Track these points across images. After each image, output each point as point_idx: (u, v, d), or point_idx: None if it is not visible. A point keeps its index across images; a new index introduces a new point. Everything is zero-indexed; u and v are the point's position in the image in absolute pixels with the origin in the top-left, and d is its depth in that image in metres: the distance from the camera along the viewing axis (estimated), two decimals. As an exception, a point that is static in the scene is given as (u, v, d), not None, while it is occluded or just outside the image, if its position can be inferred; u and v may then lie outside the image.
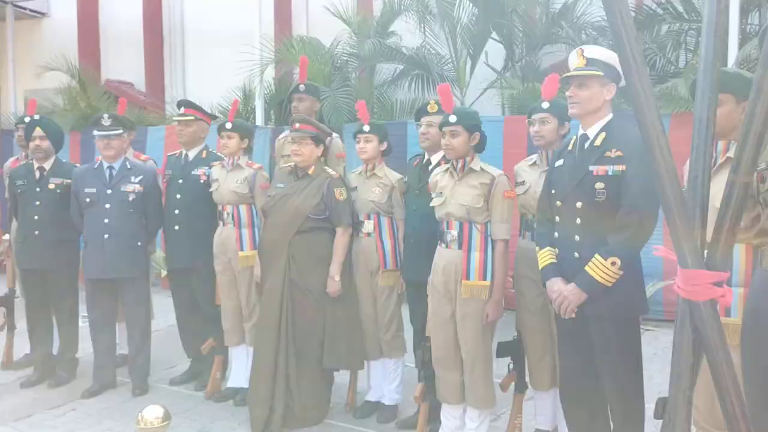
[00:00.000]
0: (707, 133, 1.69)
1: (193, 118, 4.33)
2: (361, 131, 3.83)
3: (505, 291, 3.28)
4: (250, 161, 4.21)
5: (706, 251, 1.73)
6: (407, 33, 7.40)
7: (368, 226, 3.84)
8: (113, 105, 8.90)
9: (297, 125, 3.77)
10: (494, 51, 7.02)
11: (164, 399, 4.23)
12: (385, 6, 7.49)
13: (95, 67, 9.61)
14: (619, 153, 2.66)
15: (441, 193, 3.28)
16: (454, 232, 3.23)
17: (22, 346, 4.82)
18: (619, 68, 2.73)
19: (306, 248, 3.73)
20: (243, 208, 4.12)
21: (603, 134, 2.73)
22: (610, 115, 2.79)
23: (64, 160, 4.64)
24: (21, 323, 4.77)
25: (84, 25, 9.95)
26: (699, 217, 1.70)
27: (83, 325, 4.57)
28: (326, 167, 3.88)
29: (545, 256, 2.87)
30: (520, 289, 3.37)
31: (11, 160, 5.18)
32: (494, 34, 6.92)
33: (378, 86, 7.59)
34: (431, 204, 3.33)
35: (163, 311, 4.64)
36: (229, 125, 4.09)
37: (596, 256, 2.65)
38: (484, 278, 3.17)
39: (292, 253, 3.71)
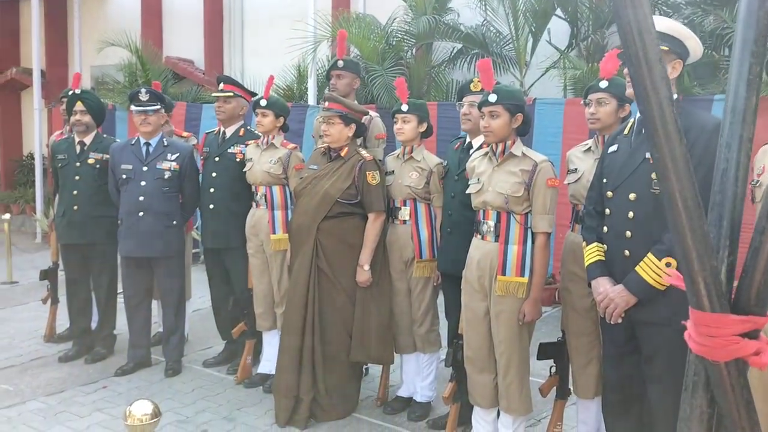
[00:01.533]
0: (747, 111, 1.18)
1: (232, 94, 4.19)
2: (399, 111, 3.59)
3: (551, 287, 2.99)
4: (285, 141, 4.04)
5: (735, 284, 1.17)
6: (465, 9, 7.04)
7: (404, 212, 3.61)
8: (172, 82, 9.01)
9: (326, 104, 3.56)
10: (558, 29, 6.57)
11: (195, 381, 4.19)
12: (445, -21, 7.15)
13: (157, 44, 9.71)
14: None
15: (478, 179, 3.00)
16: (491, 223, 2.95)
17: (65, 320, 4.86)
18: (688, 42, 2.40)
19: (335, 234, 3.54)
20: (276, 189, 3.97)
21: None
22: (675, 96, 2.44)
23: (104, 135, 4.60)
24: (64, 297, 4.80)
25: (147, 3, 10.06)
26: (726, 232, 1.15)
27: (121, 301, 4.55)
28: (360, 149, 3.66)
29: (592, 253, 2.58)
30: (567, 287, 3.06)
31: (56, 134, 5.21)
32: (558, 11, 6.48)
33: (434, 65, 7.28)
34: (467, 191, 3.06)
35: (205, 289, 4.58)
36: (263, 102, 3.93)
37: (649, 255, 2.36)
38: (522, 274, 2.88)
39: (320, 239, 3.52)
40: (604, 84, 2.95)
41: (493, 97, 2.86)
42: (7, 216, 6.81)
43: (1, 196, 10.51)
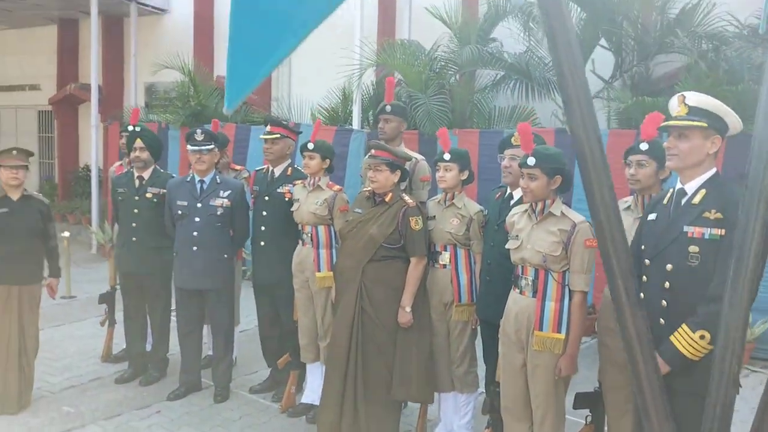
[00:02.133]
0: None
1: (279, 135, 4.39)
2: (441, 159, 3.71)
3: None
4: (330, 182, 4.21)
5: None
6: (508, 38, 7.11)
7: (444, 257, 3.73)
8: (222, 102, 9.30)
9: (373, 151, 3.72)
10: (602, 59, 6.59)
11: (242, 408, 4.40)
12: (489, 9, 7.23)
13: (208, 62, 10.04)
14: (718, 215, 2.39)
15: (517, 236, 3.11)
16: (529, 278, 3.06)
17: (120, 339, 5.14)
18: (727, 118, 2.46)
19: (379, 277, 3.68)
20: (322, 229, 4.14)
21: (703, 191, 2.46)
22: (713, 170, 2.50)
23: (162, 171, 4.86)
24: (121, 319, 5.07)
25: (200, 22, 10.42)
26: None
27: (174, 325, 4.79)
28: (404, 194, 3.80)
29: None
30: (604, 341, 3.15)
31: (116, 165, 5.51)
32: (603, 41, 6.50)
33: (477, 91, 7.37)
34: (506, 246, 3.17)
35: (252, 308, 4.77)
36: (310, 146, 4.10)
37: (683, 326, 2.42)
38: (559, 330, 2.98)
39: (365, 282, 3.67)
40: (644, 146, 3.02)
41: (531, 161, 2.97)
42: (66, 234, 7.17)
43: (59, 206, 11.00)
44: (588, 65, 6.54)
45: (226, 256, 4.45)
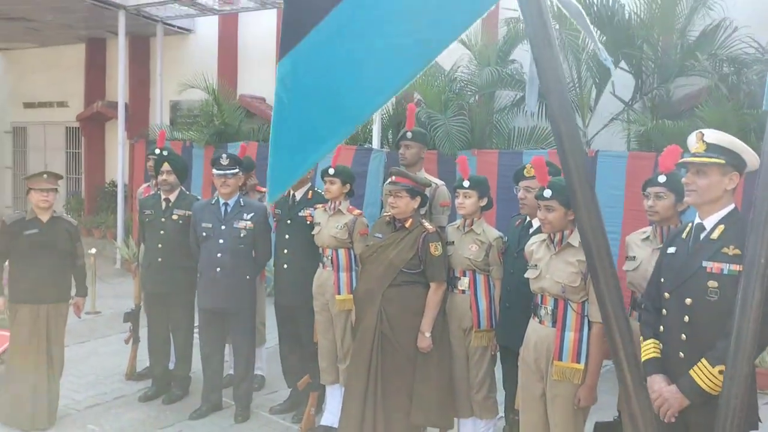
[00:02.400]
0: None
1: (301, 160, 4.46)
2: (461, 186, 3.77)
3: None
4: (351, 207, 4.29)
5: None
6: (528, 60, 7.15)
7: (463, 282, 3.77)
8: (245, 120, 9.46)
9: (393, 178, 3.78)
10: (622, 81, 6.61)
11: (262, 428, 4.46)
12: (509, 31, 7.30)
13: (232, 82, 10.22)
14: (737, 251, 2.41)
15: (536, 265, 3.15)
16: (549, 308, 3.09)
17: (143, 355, 5.24)
18: (745, 156, 2.49)
19: (399, 302, 3.74)
20: (342, 252, 4.21)
21: (721, 227, 2.49)
22: (731, 206, 2.53)
23: (187, 193, 4.98)
24: (145, 337, 5.17)
25: (224, 42, 10.62)
26: None
27: (197, 344, 4.88)
28: (424, 220, 3.85)
29: (648, 349, 2.67)
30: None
31: (144, 186, 5.64)
32: (623, 63, 6.53)
33: (496, 112, 7.42)
34: (525, 275, 3.21)
35: (274, 326, 4.85)
36: (331, 171, 4.18)
37: (703, 360, 2.44)
38: (578, 361, 3.00)
39: (384, 306, 3.73)
40: (662, 179, 3.05)
41: (548, 193, 3.01)
42: (93, 250, 7.33)
43: (85, 221, 11.23)
44: (608, 87, 6.57)
45: (248, 277, 4.54)
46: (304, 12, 1.01)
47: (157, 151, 5.02)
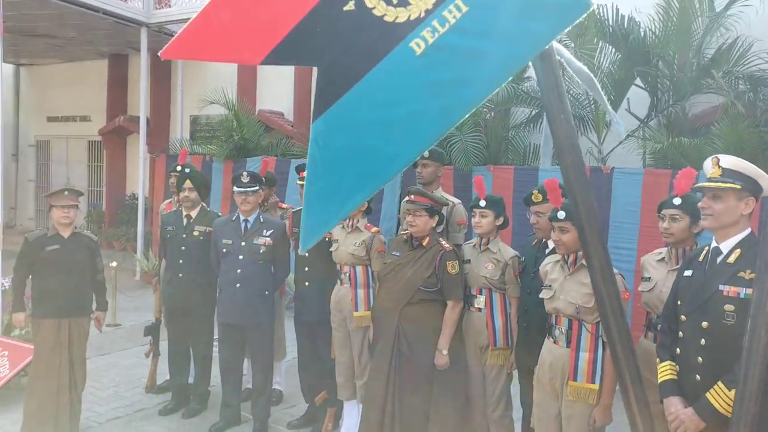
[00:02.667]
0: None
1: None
2: (477, 205, 3.82)
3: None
4: (368, 224, 4.35)
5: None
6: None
7: (479, 300, 3.82)
8: (264, 134, 9.59)
9: (412, 197, 3.85)
10: (638, 98, 6.64)
11: (280, 443, 4.50)
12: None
13: (251, 97, 10.37)
14: (753, 275, 2.44)
15: (550, 285, 3.19)
16: (563, 328, 3.13)
17: (163, 368, 5.33)
18: (761, 181, 2.53)
19: (416, 319, 3.78)
20: (360, 269, 4.27)
21: (738, 251, 2.52)
22: (748, 231, 2.56)
23: (208, 209, 5.08)
24: (165, 350, 5.26)
25: (243, 58, 10.76)
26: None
27: (216, 357, 4.95)
28: (441, 239, 3.91)
29: (665, 371, 2.70)
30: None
31: (166, 203, 5.75)
32: (638, 81, 6.56)
33: (512, 128, 7.47)
34: (540, 296, 3.25)
35: (293, 340, 4.92)
36: (350, 190, 4.25)
37: (719, 383, 2.46)
38: (593, 381, 3.03)
39: (402, 324, 3.78)
40: (677, 201, 3.07)
41: (561, 214, 3.06)
42: (114, 264, 7.46)
43: (105, 233, 11.41)
44: (623, 104, 6.59)
45: (267, 292, 4.61)
46: (337, 78, 1.09)
47: (179, 168, 5.13)
